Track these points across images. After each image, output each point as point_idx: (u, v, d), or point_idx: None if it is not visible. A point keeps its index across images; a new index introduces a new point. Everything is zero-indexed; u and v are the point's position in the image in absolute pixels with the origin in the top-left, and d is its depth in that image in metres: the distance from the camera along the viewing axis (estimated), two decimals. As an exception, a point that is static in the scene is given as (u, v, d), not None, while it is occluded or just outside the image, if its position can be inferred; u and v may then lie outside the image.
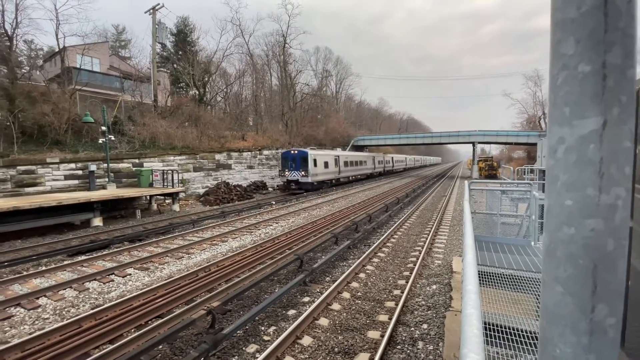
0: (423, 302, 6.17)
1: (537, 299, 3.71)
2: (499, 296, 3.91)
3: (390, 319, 5.48)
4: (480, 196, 13.45)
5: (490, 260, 4.95)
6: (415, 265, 8.08)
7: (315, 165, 25.13)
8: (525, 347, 2.90)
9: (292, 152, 25.81)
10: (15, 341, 4.76)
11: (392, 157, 51.24)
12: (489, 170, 41.59)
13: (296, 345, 4.79)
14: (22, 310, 5.97)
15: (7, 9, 18.91)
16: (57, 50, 23.46)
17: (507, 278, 4.41)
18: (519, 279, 4.36)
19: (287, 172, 25.20)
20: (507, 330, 3.15)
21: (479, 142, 43.25)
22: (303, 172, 24.47)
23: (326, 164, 27.38)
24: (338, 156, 30.08)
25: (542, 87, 49.29)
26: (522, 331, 3.13)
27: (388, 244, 10.19)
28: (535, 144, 31.19)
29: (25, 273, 7.70)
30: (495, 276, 4.46)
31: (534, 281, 4.20)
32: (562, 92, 0.56)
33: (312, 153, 25.05)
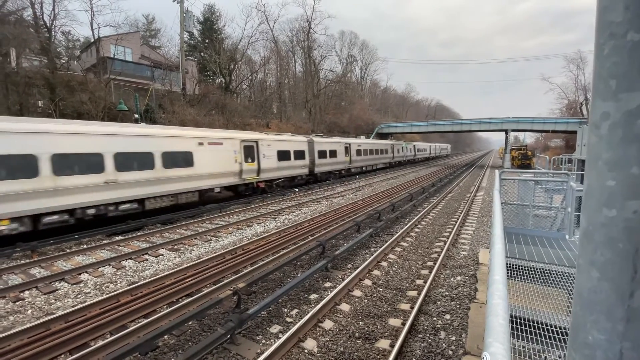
0: (447, 293, 6.08)
1: (570, 294, 3.55)
2: (529, 290, 3.77)
3: (412, 307, 5.46)
4: (511, 186, 12.85)
5: (520, 253, 4.78)
6: (439, 255, 7.94)
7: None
8: (554, 342, 2.80)
9: None
10: (60, 313, 5.21)
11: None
12: (523, 159, 39.40)
13: (317, 328, 4.91)
14: (65, 284, 6.51)
15: (44, 1, 19.86)
16: (92, 40, 24.57)
17: (538, 272, 4.24)
18: (550, 273, 4.18)
19: None
20: (536, 324, 3.05)
21: (512, 130, 41.10)
22: None
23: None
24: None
25: (586, 70, 45.75)
26: (551, 326, 3.02)
27: (412, 234, 10.06)
28: (575, 132, 29.17)
29: (68, 251, 8.34)
30: (525, 269, 4.31)
31: (567, 276, 4.01)
32: (608, 63, 0.51)
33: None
